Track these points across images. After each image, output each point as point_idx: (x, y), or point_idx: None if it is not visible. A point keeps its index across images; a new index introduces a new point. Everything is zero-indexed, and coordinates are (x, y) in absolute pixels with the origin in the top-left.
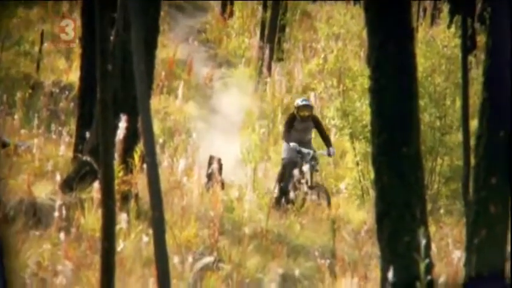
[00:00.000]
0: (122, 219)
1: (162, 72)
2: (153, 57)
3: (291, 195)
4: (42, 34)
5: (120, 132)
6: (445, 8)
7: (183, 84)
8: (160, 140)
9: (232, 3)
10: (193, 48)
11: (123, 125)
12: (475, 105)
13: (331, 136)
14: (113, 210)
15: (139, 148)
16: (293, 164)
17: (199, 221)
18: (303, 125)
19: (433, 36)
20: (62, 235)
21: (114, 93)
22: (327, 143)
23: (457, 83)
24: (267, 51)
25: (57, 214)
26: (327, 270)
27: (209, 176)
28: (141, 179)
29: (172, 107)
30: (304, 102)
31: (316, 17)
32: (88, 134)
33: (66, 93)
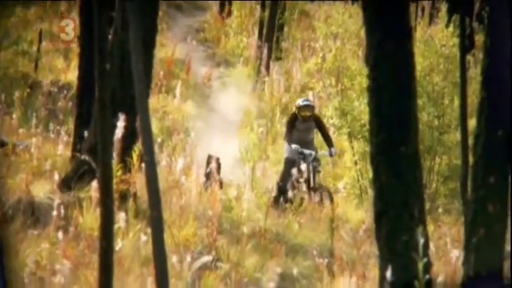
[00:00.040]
0: (120, 218)
1: (161, 71)
2: (151, 57)
3: (289, 194)
4: (40, 33)
5: (119, 132)
6: (443, 7)
7: (181, 84)
8: (159, 139)
9: (230, 2)
10: (192, 47)
11: (121, 124)
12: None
13: None
14: (111, 209)
15: (137, 147)
16: (291, 162)
17: (198, 220)
18: (304, 125)
19: (431, 36)
20: (60, 234)
21: (113, 93)
22: (328, 143)
23: (455, 82)
24: (265, 51)
25: (55, 213)
26: (325, 269)
27: (207, 175)
28: (139, 178)
29: (171, 106)
30: (306, 103)
31: (315, 16)
32: (86, 133)
33: (65, 92)
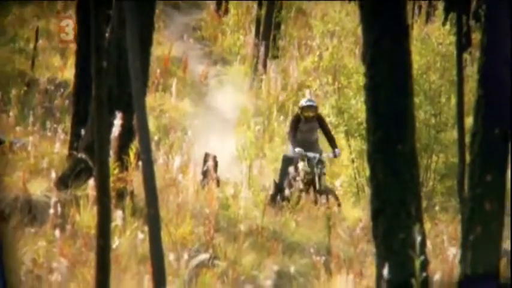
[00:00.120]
0: (117, 217)
1: (157, 69)
2: (148, 55)
3: (286, 192)
4: (37, 31)
5: (116, 130)
6: (440, 5)
7: (177, 82)
8: (156, 137)
9: (227, 0)
10: (189, 45)
11: (118, 122)
12: (470, 103)
13: None
14: (108, 207)
15: (134, 145)
16: (288, 161)
17: (195, 218)
18: (308, 125)
19: (428, 34)
20: (57, 232)
21: (109, 91)
22: (331, 143)
23: (452, 80)
24: (262, 49)
25: (52, 211)
26: (322, 267)
27: (204, 173)
28: (136, 176)
29: (168, 104)
30: (309, 103)
31: (311, 14)
32: (83, 131)
33: (61, 90)
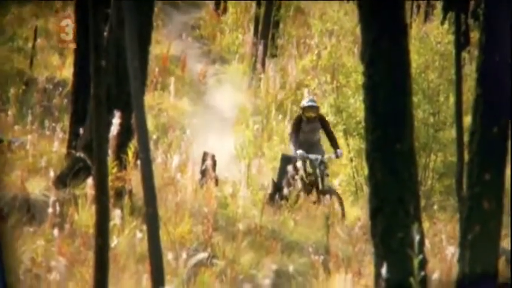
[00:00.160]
0: (116, 216)
1: (156, 68)
2: (146, 54)
3: (285, 191)
4: (35, 30)
5: (114, 129)
6: (439, 4)
7: (176, 81)
8: (154, 136)
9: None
10: (187, 44)
11: (116, 121)
12: (468, 102)
13: None
14: (106, 206)
15: (133, 144)
16: (287, 159)
17: (193, 217)
18: (310, 126)
19: (427, 33)
20: (55, 231)
21: (108, 90)
22: (333, 144)
23: (450, 79)
24: (260, 48)
25: (51, 210)
26: (321, 266)
27: (203, 172)
28: (135, 175)
29: (166, 103)
30: (310, 103)
31: (310, 13)
32: (82, 130)
33: (60, 89)
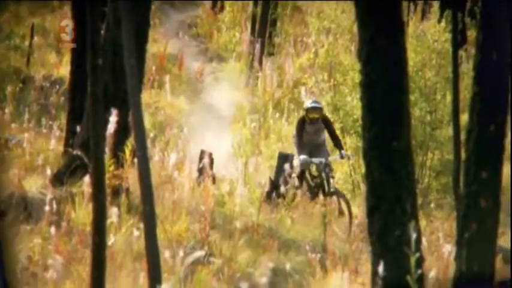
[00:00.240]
0: (113, 214)
1: (153, 66)
2: (143, 52)
3: (282, 189)
4: (32, 28)
5: (111, 127)
6: (436, 2)
7: (173, 79)
8: (151, 134)
9: None
10: (184, 42)
11: (113, 119)
12: (465, 100)
13: None
14: (103, 204)
15: (130, 142)
16: (284, 157)
17: (191, 215)
18: (313, 127)
19: (424, 31)
20: (52, 229)
21: (105, 88)
22: (337, 145)
23: (447, 77)
24: (257, 46)
25: (47, 208)
26: (318, 264)
27: (200, 170)
28: (132, 173)
29: (163, 101)
30: (313, 105)
31: (307, 11)
32: (79, 128)
33: (57, 87)
